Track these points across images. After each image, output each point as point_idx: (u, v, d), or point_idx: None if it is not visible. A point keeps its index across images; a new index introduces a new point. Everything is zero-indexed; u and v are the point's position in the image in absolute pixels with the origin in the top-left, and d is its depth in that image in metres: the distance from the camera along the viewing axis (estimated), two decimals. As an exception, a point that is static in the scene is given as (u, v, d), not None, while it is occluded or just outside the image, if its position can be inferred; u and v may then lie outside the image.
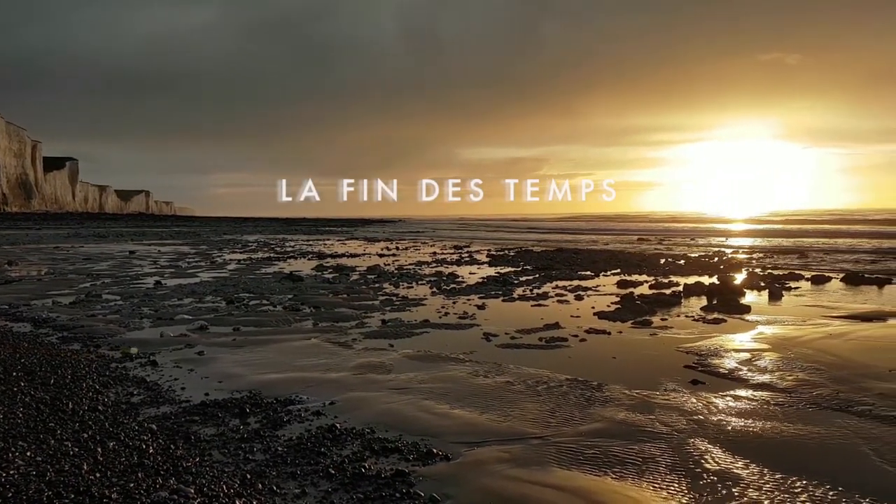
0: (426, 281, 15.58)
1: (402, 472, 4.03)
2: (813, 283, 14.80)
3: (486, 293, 13.12)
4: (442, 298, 12.45)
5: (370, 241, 40.59)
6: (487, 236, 47.47)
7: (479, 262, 21.69)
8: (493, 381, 6.30)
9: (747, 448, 4.51)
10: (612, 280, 15.50)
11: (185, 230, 64.04)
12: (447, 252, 27.90)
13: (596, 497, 3.77)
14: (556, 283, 14.79)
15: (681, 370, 6.77)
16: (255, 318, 9.99)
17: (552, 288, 13.96)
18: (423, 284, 14.88)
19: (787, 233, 43.58)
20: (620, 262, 20.81)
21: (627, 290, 13.06)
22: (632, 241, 37.43)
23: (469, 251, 28.23)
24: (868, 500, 3.70)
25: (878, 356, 7.15)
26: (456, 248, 31.38)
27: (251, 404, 5.47)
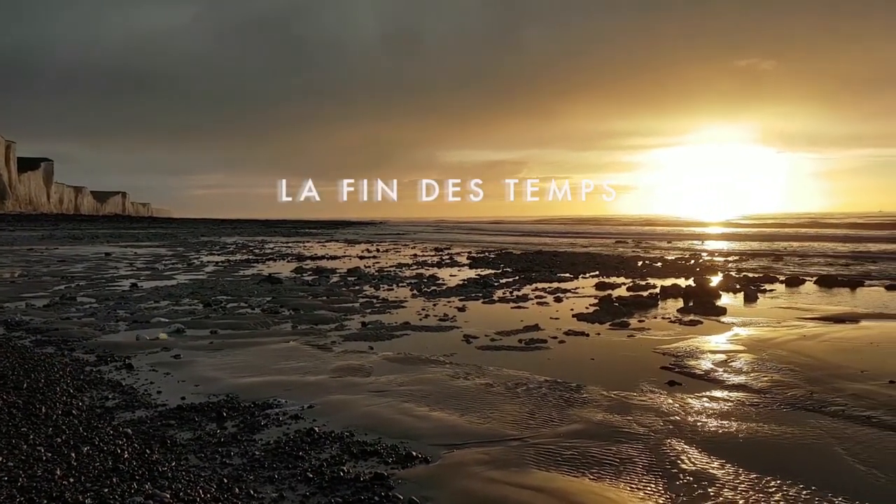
0: (406, 283, 15.56)
1: (382, 476, 4.02)
2: (787, 285, 15.03)
3: (466, 295, 13.14)
4: (422, 300, 12.44)
5: (350, 243, 40.44)
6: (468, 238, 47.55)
7: (459, 265, 21.72)
8: (473, 382, 6.31)
9: (723, 448, 4.57)
10: (591, 282, 15.61)
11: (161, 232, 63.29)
12: (428, 254, 27.89)
13: (574, 498, 3.79)
14: (536, 285, 14.86)
15: (658, 371, 6.84)
16: (233, 321, 9.90)
17: (532, 290, 14.02)
18: (403, 286, 14.86)
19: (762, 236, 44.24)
20: (599, 264, 20.97)
21: (606, 293, 13.17)
22: (610, 243, 37.73)
23: (450, 253, 28.25)
24: (841, 499, 3.76)
25: (850, 357, 7.28)
26: (437, 250, 31.38)
27: (228, 408, 5.42)
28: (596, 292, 13.56)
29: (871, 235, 40.54)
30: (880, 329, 9.12)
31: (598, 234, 53.59)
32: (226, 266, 21.35)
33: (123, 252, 29.36)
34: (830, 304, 11.87)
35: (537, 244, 36.74)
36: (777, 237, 41.72)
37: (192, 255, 27.65)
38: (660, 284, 14.07)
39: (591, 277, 16.86)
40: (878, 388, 5.96)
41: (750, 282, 15.05)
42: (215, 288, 14.34)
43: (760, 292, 13.42)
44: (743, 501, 3.74)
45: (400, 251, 30.70)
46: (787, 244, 34.01)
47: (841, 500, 3.73)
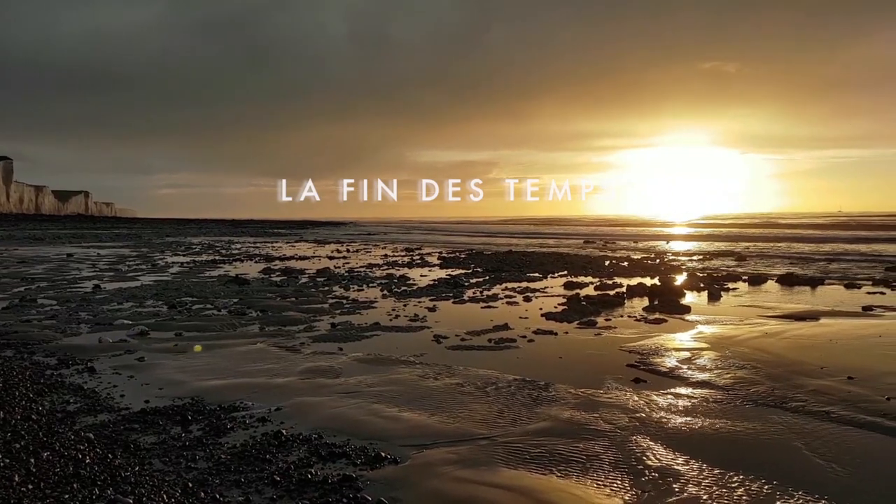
0: (377, 283, 15.51)
1: (350, 477, 4.00)
2: (750, 283, 15.36)
3: (437, 295, 13.15)
4: (393, 301, 12.41)
5: (320, 243, 40.14)
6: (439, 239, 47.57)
7: (430, 265, 21.72)
8: (443, 382, 6.32)
9: (687, 444, 4.65)
10: (560, 282, 15.75)
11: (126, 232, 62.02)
12: (398, 254, 27.84)
13: (541, 496, 3.82)
14: (506, 285, 14.95)
15: (624, 369, 6.93)
16: (199, 323, 9.75)
17: (502, 290, 14.09)
18: (373, 287, 14.81)
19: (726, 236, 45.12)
20: (567, 264, 21.17)
21: (574, 292, 13.30)
22: (578, 243, 38.11)
23: (420, 254, 28.23)
24: (800, 492, 3.85)
25: (810, 354, 7.46)
26: (407, 250, 31.34)
27: (193, 411, 5.34)
28: (564, 291, 13.70)
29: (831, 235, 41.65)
30: (839, 326, 9.37)
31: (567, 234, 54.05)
32: (191, 267, 21.01)
33: (86, 253, 28.70)
34: (791, 302, 12.16)
35: (508, 244, 36.92)
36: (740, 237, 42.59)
37: (157, 255, 27.16)
38: (626, 283, 14.27)
39: (559, 277, 17.01)
40: (836, 384, 6.12)
41: (713, 280, 15.35)
42: (180, 289, 14.11)
43: (724, 291, 13.69)
44: (707, 496, 3.81)
45: (370, 251, 30.58)
46: (750, 244, 34.75)
47: (801, 494, 3.82)
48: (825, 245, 32.57)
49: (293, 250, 31.59)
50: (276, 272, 18.64)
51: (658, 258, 24.14)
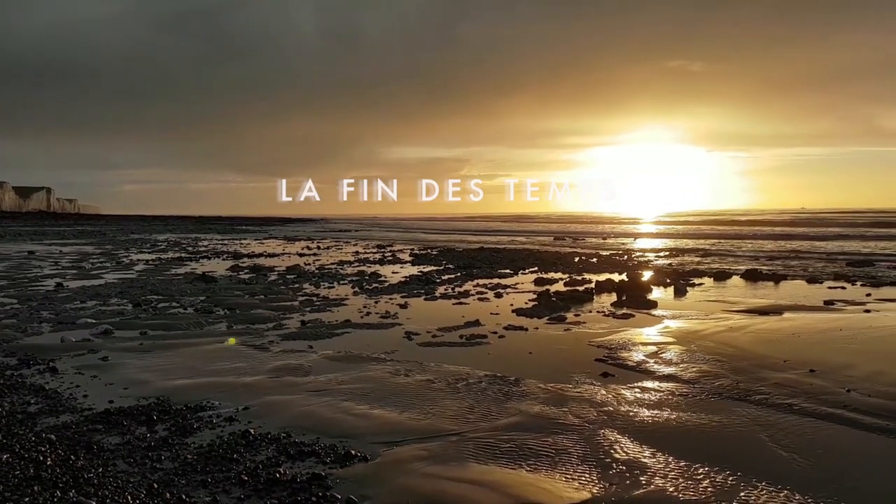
0: (348, 281, 15.42)
1: (319, 476, 3.97)
2: (715, 279, 15.65)
3: (408, 292, 13.13)
4: (364, 298, 12.36)
5: (290, 240, 39.77)
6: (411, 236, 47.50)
7: (402, 262, 21.67)
8: (414, 379, 6.32)
9: (654, 437, 4.72)
10: (530, 278, 15.85)
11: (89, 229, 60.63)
12: (370, 251, 27.72)
13: (511, 490, 3.85)
14: (478, 282, 14.99)
15: (592, 363, 7.01)
16: (165, 322, 9.59)
17: (473, 286, 14.13)
18: (344, 284, 14.72)
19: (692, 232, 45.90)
20: (538, 260, 21.31)
21: (544, 288, 13.40)
22: (549, 240, 38.41)
23: (392, 251, 28.15)
24: (764, 483, 3.93)
25: (774, 348, 7.63)
26: (379, 247, 31.22)
27: (159, 411, 5.25)
28: (535, 288, 13.79)
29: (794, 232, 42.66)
30: (802, 320, 9.59)
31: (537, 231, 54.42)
32: (157, 264, 20.65)
33: (48, 250, 28.00)
34: (756, 297, 12.43)
35: (479, 241, 37.03)
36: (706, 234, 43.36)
37: (122, 253, 26.62)
38: (595, 279, 14.43)
39: (530, 273, 17.12)
40: (799, 377, 6.27)
41: (680, 276, 15.60)
42: (146, 287, 13.86)
43: (690, 286, 13.93)
44: (673, 488, 3.87)
45: (341, 248, 30.40)
46: (715, 240, 35.41)
47: (764, 485, 3.90)
48: (788, 241, 33.35)
49: (262, 247, 31.25)
50: (245, 270, 18.42)
51: (626, 254, 24.46)
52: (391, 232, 55.96)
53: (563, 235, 43.54)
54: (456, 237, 44.09)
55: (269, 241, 39.26)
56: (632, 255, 24.35)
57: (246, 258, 23.49)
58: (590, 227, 60.35)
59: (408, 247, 31.19)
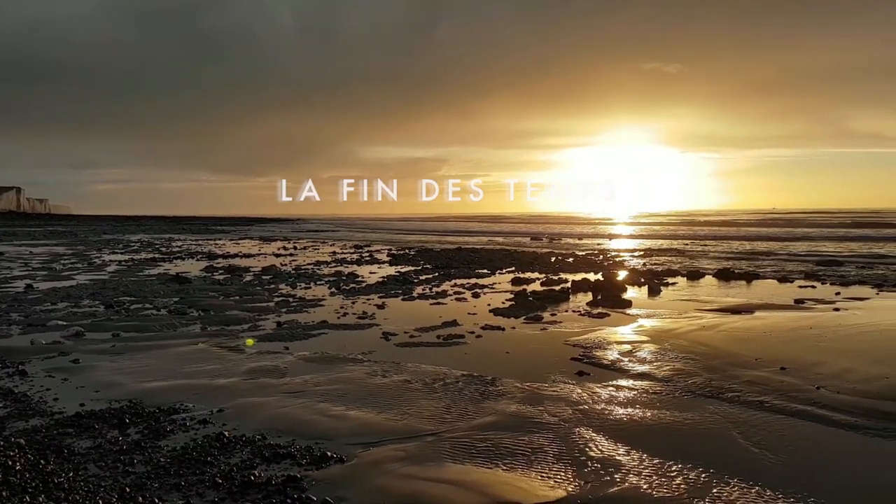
0: (325, 281, 15.34)
1: (294, 478, 3.94)
2: (688, 278, 15.86)
3: (386, 292, 13.10)
4: (341, 299, 12.30)
5: (266, 240, 39.42)
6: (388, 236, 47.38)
7: (379, 262, 21.61)
8: (391, 380, 6.31)
9: (628, 435, 4.77)
10: (508, 278, 15.91)
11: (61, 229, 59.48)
12: (347, 252, 27.59)
13: (487, 489, 3.86)
14: (455, 282, 15.01)
15: (568, 362, 7.07)
16: (137, 323, 9.45)
17: (451, 286, 14.14)
18: (321, 285, 14.64)
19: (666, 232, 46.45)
20: (515, 260, 21.41)
21: (521, 287, 13.47)
22: (526, 240, 38.60)
23: (370, 251, 28.06)
24: (736, 479, 3.99)
25: (746, 346, 7.75)
26: (356, 247, 31.09)
27: (131, 414, 5.18)
28: (512, 287, 13.85)
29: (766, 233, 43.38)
30: (773, 319, 9.76)
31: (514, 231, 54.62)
32: (130, 265, 20.34)
33: (18, 251, 27.41)
34: (728, 295, 12.62)
35: (456, 241, 37.07)
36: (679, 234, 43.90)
37: (94, 253, 26.17)
38: (571, 279, 14.54)
39: (507, 273, 17.19)
40: (770, 375, 6.38)
41: (654, 275, 15.78)
42: (118, 288, 13.64)
43: (663, 285, 14.10)
44: (646, 486, 3.92)
45: (318, 249, 30.22)
46: (688, 240, 35.88)
47: (737, 482, 3.96)
48: (760, 241, 33.91)
49: (237, 248, 30.94)
50: (219, 270, 18.22)
51: (601, 254, 24.67)
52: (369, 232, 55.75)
53: (539, 235, 43.78)
54: (434, 237, 44.09)
55: (244, 241, 38.87)
56: (607, 254, 24.58)
57: (221, 259, 23.24)
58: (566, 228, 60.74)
59: (385, 247, 31.11)
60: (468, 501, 3.72)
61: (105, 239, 40.74)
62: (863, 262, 19.97)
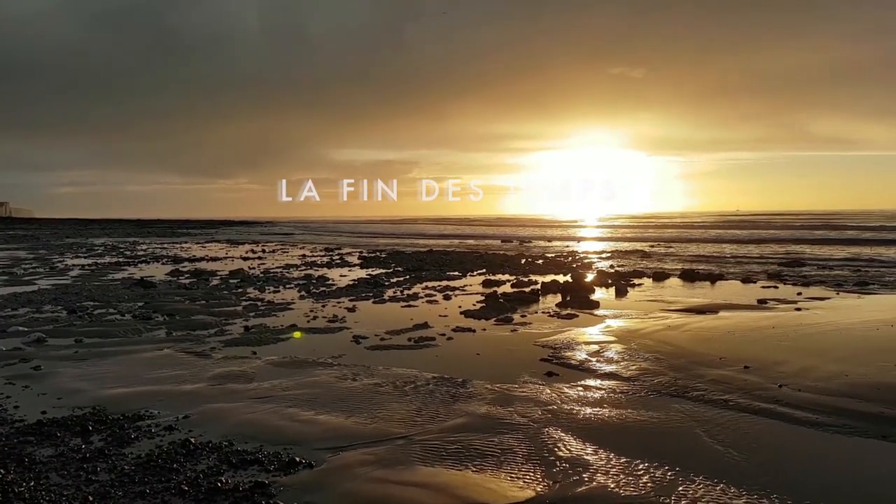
0: (294, 284, 15.20)
1: (262, 484, 3.90)
2: (654, 279, 16.12)
3: (356, 295, 13.03)
4: (311, 302, 12.21)
5: (233, 243, 38.89)
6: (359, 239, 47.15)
7: (350, 265, 21.49)
8: (362, 383, 6.28)
9: (596, 435, 4.83)
10: (478, 280, 15.97)
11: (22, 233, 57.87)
12: (317, 255, 27.38)
13: (457, 491, 3.87)
14: (426, 284, 15.01)
15: (538, 363, 7.12)
16: (101, 329, 9.25)
17: (422, 288, 14.14)
18: (290, 288, 14.50)
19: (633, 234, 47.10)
20: (486, 262, 21.49)
21: (492, 289, 13.53)
22: (497, 242, 38.79)
23: (340, 253, 27.88)
24: (701, 477, 4.07)
25: (710, 345, 7.90)
26: (327, 250, 30.88)
27: (95, 421, 5.07)
28: (483, 289, 13.90)
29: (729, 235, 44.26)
30: (737, 319, 9.97)
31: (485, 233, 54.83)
32: (93, 269, 19.89)
33: (-27, 256, 26.59)
34: (693, 296, 12.85)
35: (428, 244, 37.05)
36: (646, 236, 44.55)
37: (56, 258, 25.52)
38: (541, 281, 14.65)
39: (478, 275, 17.25)
40: (734, 374, 6.51)
41: (621, 277, 16.00)
42: (81, 293, 13.33)
43: (630, 286, 14.30)
44: (614, 484, 3.97)
45: (287, 252, 29.92)
46: (655, 242, 36.43)
47: (701, 479, 4.04)
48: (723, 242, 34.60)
49: (204, 251, 30.47)
50: (186, 274, 17.93)
51: (570, 256, 24.92)
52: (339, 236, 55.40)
53: (510, 238, 44.01)
54: (406, 240, 44.00)
55: (211, 244, 38.30)
56: (576, 256, 24.82)
57: (187, 262, 22.87)
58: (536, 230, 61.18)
59: (356, 250, 30.95)
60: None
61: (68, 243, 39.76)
62: (823, 263, 20.52)
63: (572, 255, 25.32)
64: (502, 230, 61.18)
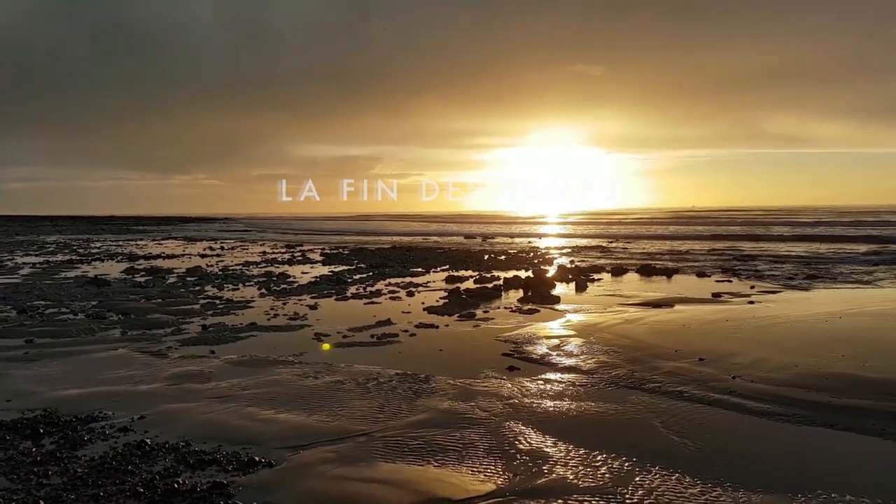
0: (254, 282, 14.99)
1: (221, 484, 3.85)
2: (613, 274, 16.40)
3: (318, 293, 12.92)
4: (271, 300, 12.06)
5: (190, 240, 38.13)
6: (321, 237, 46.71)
7: (312, 262, 21.28)
8: (323, 381, 6.24)
9: (556, 427, 4.90)
10: (442, 276, 16.01)
11: (-35, 231, 55.70)
12: (278, 251, 27.03)
13: (418, 486, 3.88)
14: (390, 281, 14.96)
15: (500, 358, 7.19)
16: (53, 329, 8.98)
17: (385, 285, 14.09)
18: (250, 286, 14.30)
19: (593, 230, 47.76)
20: (449, 258, 21.53)
21: (455, 286, 13.57)
22: (460, 239, 38.90)
23: (302, 250, 27.58)
24: (657, 467, 4.16)
25: (666, 338, 8.08)
26: (288, 247, 30.51)
27: (46, 423, 4.93)
28: (446, 285, 13.93)
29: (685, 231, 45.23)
30: (692, 312, 10.20)
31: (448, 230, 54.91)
32: (45, 268, 19.28)
33: (-85, 254, 25.51)
34: (650, 290, 13.10)
35: (391, 240, 36.94)
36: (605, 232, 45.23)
37: (5, 256, 24.65)
38: (503, 276, 14.75)
39: (441, 271, 17.28)
40: (688, 366, 6.67)
41: (581, 272, 16.22)
42: (32, 292, 12.92)
43: (590, 282, 14.52)
44: (573, 476, 4.03)
45: (247, 249, 29.47)
46: (614, 238, 37.04)
47: (657, 469, 4.13)
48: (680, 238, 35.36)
49: (160, 248, 29.82)
50: (141, 272, 17.53)
51: (532, 252, 25.15)
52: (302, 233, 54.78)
53: (473, 234, 44.17)
54: (369, 237, 43.78)
55: (167, 241, 37.48)
56: (538, 252, 25.06)
57: (142, 260, 22.35)
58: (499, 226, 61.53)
59: (318, 246, 30.67)
60: (400, 499, 3.73)
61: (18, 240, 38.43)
62: (776, 258, 21.14)
63: (534, 251, 25.56)
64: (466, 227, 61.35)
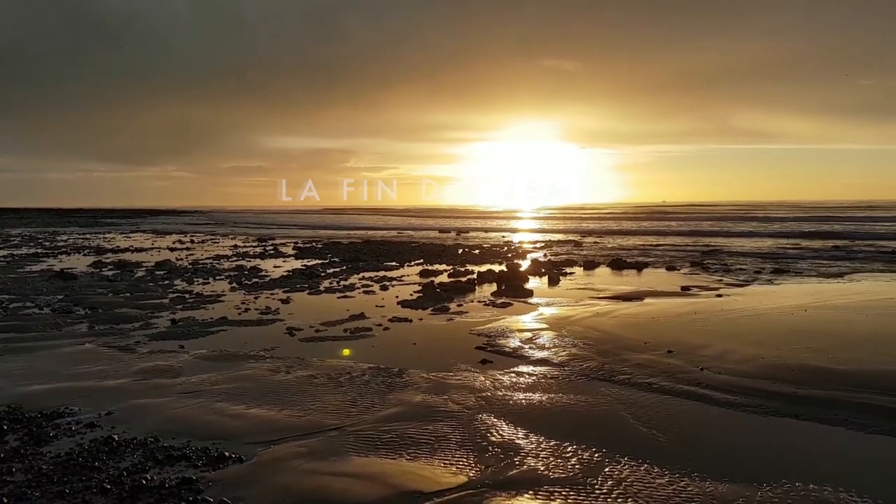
0: (225, 276, 14.81)
1: (190, 480, 3.81)
2: (585, 268, 16.55)
3: (291, 287, 12.82)
4: (243, 294, 11.93)
5: (160, 234, 37.52)
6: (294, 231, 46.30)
7: (284, 255, 21.10)
8: (295, 375, 6.20)
9: (527, 419, 4.94)
10: (416, 270, 15.99)
11: (-76, 223, 54.06)
12: (250, 245, 26.74)
13: (391, 480, 3.89)
14: (363, 275, 14.91)
15: (473, 351, 7.22)
16: (17, 323, 8.78)
17: (359, 279, 14.03)
18: (221, 280, 14.13)
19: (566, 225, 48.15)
20: (423, 252, 21.53)
21: (429, 279, 13.58)
22: (434, 233, 38.88)
23: (274, 244, 27.32)
24: (626, 458, 4.22)
25: (636, 331, 8.18)
26: (260, 240, 30.19)
27: (9, 420, 4.82)
28: (420, 279, 13.93)
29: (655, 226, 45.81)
30: (661, 305, 10.35)
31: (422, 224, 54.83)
32: (9, 261, 18.82)
33: None
34: (620, 284, 13.26)
35: (365, 235, 36.78)
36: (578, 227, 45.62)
37: (-35, 249, 24.00)
38: (477, 270, 14.80)
39: (415, 265, 17.27)
40: (657, 358, 6.77)
41: (553, 266, 16.35)
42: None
43: (562, 275, 14.65)
44: (543, 467, 4.07)
45: (218, 242, 29.10)
46: (586, 232, 37.37)
47: (627, 460, 4.19)
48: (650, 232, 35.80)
49: (129, 242, 29.28)
50: (109, 265, 17.20)
51: (506, 246, 25.26)
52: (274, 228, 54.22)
53: (447, 228, 44.19)
54: (342, 231, 43.53)
55: (136, 234, 36.83)
56: (511, 246, 25.18)
57: (110, 253, 21.94)
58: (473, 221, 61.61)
59: (291, 240, 30.41)
60: (371, 493, 3.73)
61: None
62: (744, 253, 21.52)
63: (508, 245, 25.67)
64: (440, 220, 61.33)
